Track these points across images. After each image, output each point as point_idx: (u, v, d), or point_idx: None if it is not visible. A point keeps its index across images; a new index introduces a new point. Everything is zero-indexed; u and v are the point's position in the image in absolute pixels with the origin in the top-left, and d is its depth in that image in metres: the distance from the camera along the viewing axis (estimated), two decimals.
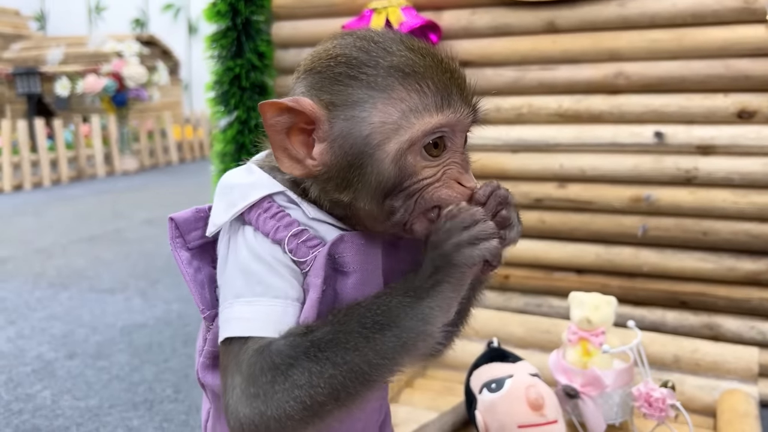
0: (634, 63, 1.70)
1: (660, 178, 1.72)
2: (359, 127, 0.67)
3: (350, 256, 0.70)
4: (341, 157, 0.68)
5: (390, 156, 0.66)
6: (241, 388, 0.63)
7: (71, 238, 3.88)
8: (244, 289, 0.68)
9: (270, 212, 0.70)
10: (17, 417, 1.71)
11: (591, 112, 1.76)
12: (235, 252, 0.70)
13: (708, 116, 1.66)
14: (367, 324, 0.63)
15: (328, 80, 0.68)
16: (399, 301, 0.64)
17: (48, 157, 6.29)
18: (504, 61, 1.84)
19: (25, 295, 2.77)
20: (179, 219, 0.76)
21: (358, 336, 0.62)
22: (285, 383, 0.62)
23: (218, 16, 2.07)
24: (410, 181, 0.68)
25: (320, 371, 0.62)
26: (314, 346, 0.63)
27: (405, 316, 0.64)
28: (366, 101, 0.66)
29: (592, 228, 1.81)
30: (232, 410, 0.64)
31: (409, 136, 0.66)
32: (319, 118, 0.67)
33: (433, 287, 0.65)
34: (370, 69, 0.67)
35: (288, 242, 0.69)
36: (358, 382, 0.63)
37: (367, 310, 0.64)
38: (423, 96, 0.67)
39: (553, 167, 1.82)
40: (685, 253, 1.73)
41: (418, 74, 0.67)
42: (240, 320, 0.66)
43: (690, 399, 1.40)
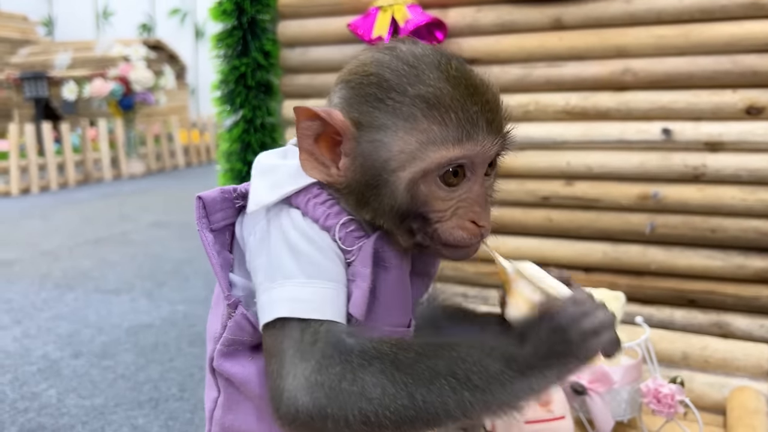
0: (641, 59, 1.69)
1: (668, 175, 1.70)
2: (379, 152, 0.68)
3: (389, 251, 0.71)
4: (361, 175, 0.69)
5: (404, 183, 0.68)
6: (305, 375, 0.61)
7: (77, 241, 3.89)
8: (296, 270, 0.67)
9: (320, 198, 0.71)
10: (23, 415, 1.71)
11: (598, 109, 1.75)
12: (281, 233, 0.70)
13: (716, 112, 1.64)
14: (459, 376, 0.61)
15: (358, 98, 0.70)
16: (500, 370, 0.62)
17: (55, 160, 6.32)
18: (510, 59, 1.83)
19: (31, 296, 2.78)
20: (207, 198, 0.76)
21: (445, 383, 0.61)
22: (354, 386, 0.61)
23: (224, 15, 2.07)
24: (424, 210, 0.69)
25: (395, 395, 0.60)
26: (396, 367, 0.61)
27: (501, 388, 0.62)
28: (389, 127, 0.67)
29: (599, 226, 1.79)
30: (289, 395, 0.61)
31: (424, 166, 0.67)
32: (347, 134, 0.69)
33: (541, 369, 0.63)
34: (398, 95, 0.67)
35: (338, 230, 0.69)
36: (426, 421, 0.62)
37: (462, 360, 0.62)
38: (443, 129, 0.67)
39: (560, 165, 1.80)
40: (693, 251, 1.71)
41: (444, 106, 0.67)
42: (296, 301, 0.65)
43: (699, 396, 1.38)
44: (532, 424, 1.13)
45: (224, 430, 0.76)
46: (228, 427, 0.75)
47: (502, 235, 1.90)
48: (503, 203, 1.88)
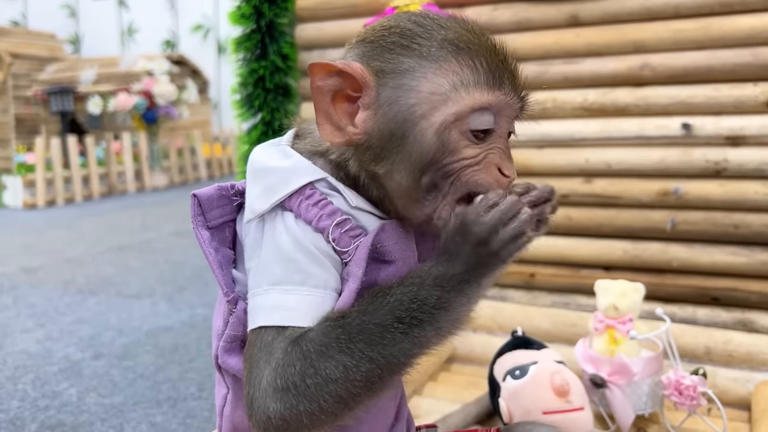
0: (660, 54, 1.68)
1: (688, 171, 1.68)
2: (407, 95, 0.66)
3: (391, 245, 0.69)
4: (384, 124, 0.67)
5: (434, 127, 0.65)
6: (269, 381, 0.61)
7: (100, 249, 3.94)
8: (283, 276, 0.66)
9: (312, 199, 0.68)
10: (43, 413, 1.73)
11: (616, 105, 1.74)
12: (273, 237, 0.68)
13: (737, 106, 1.62)
14: (404, 319, 0.62)
15: (379, 48, 0.68)
16: (438, 297, 0.63)
17: (80, 173, 6.42)
18: (527, 56, 1.82)
19: (54, 300, 2.81)
20: (202, 196, 0.74)
21: (395, 331, 0.62)
22: (317, 377, 0.60)
23: (243, 19, 2.10)
24: (450, 159, 0.66)
25: (356, 365, 0.61)
26: (348, 339, 0.61)
27: (445, 313, 0.63)
28: (417, 70, 0.66)
29: (619, 223, 1.77)
30: (259, 404, 0.61)
31: (457, 109, 0.65)
32: (368, 84, 0.67)
33: (475, 280, 0.64)
34: (424, 40, 0.66)
35: (332, 231, 0.67)
36: (393, 373, 0.63)
37: (400, 303, 0.63)
38: (475, 72, 0.66)
39: (579, 162, 1.79)
40: (715, 248, 1.68)
41: (473, 51, 0.66)
42: (277, 308, 0.65)
43: (723, 392, 1.35)
44: (550, 415, 1.11)
45: (234, 426, 0.75)
46: (238, 424, 0.74)
47: None
48: None
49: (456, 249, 0.64)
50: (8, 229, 4.76)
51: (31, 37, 9.97)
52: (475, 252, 0.63)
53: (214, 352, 0.75)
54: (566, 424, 1.10)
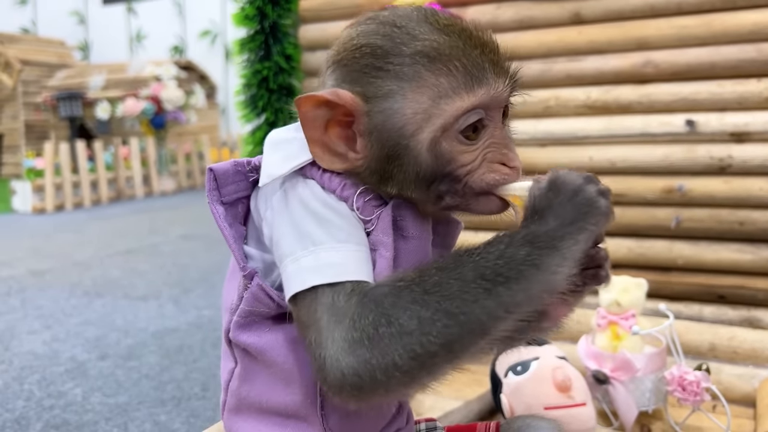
0: (663, 51, 1.67)
1: (693, 168, 1.67)
2: (392, 119, 0.66)
3: (411, 221, 0.69)
4: (379, 149, 0.67)
5: (425, 145, 0.66)
6: (342, 336, 0.59)
7: (108, 252, 3.96)
8: (325, 236, 0.65)
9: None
10: (48, 412, 1.74)
11: (620, 103, 1.73)
12: (300, 202, 0.68)
13: (741, 102, 1.61)
14: (488, 275, 0.58)
15: (356, 73, 0.67)
16: (528, 252, 0.59)
17: (89, 178, 6.46)
18: (530, 54, 1.82)
19: (61, 302, 2.83)
20: (219, 170, 0.74)
21: (476, 287, 0.58)
22: (391, 327, 0.57)
23: (246, 20, 2.11)
24: (450, 168, 0.67)
25: (432, 319, 0.57)
26: (424, 291, 0.59)
27: (536, 270, 0.59)
28: (396, 92, 0.66)
29: (623, 221, 1.76)
30: (331, 362, 0.59)
31: (442, 122, 0.65)
32: (359, 111, 0.67)
33: (571, 235, 0.60)
34: (396, 57, 0.66)
35: (356, 200, 0.68)
36: (474, 334, 0.59)
37: (484, 260, 0.59)
38: (452, 79, 0.65)
39: (583, 160, 1.78)
40: (721, 245, 1.67)
41: (444, 56, 0.65)
42: (328, 266, 0.63)
43: (728, 388, 1.34)
44: (551, 410, 1.11)
45: (240, 400, 0.75)
46: (244, 398, 0.74)
47: None
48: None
49: (548, 204, 0.62)
50: (18, 233, 4.79)
51: (41, 44, 10.07)
52: (571, 202, 0.61)
53: (225, 326, 0.75)
54: (568, 419, 1.10)
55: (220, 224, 0.73)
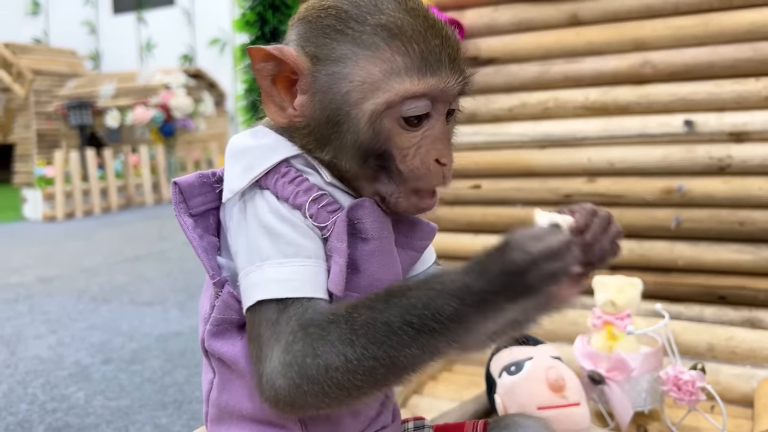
0: (660, 51, 1.67)
1: (692, 168, 1.66)
2: (339, 84, 0.66)
3: (369, 222, 0.69)
4: (320, 111, 0.68)
5: (366, 116, 0.66)
6: (277, 357, 0.61)
7: (117, 259, 3.99)
8: (273, 251, 0.66)
9: (288, 177, 0.69)
10: (51, 415, 1.75)
11: (618, 104, 1.73)
12: (255, 216, 0.68)
13: (739, 102, 1.60)
14: (415, 324, 0.59)
15: (315, 32, 0.68)
16: (455, 309, 0.59)
17: (99, 186, 6.51)
18: (528, 56, 1.82)
19: (68, 308, 2.85)
20: (183, 184, 0.74)
21: (402, 334, 0.59)
22: (317, 359, 0.60)
23: (247, 26, 2.13)
24: (386, 147, 0.67)
25: (358, 360, 0.60)
26: (352, 331, 0.60)
27: (458, 326, 0.59)
28: (349, 58, 0.66)
29: (623, 222, 1.71)
30: (267, 379, 0.62)
31: (387, 98, 0.65)
32: (302, 70, 0.67)
33: (490, 301, 0.59)
34: (358, 24, 0.66)
35: (308, 207, 0.68)
36: (398, 374, 0.62)
37: (413, 306, 0.60)
38: (407, 59, 0.66)
39: (582, 161, 1.78)
40: (721, 245, 1.66)
41: (406, 36, 0.66)
42: (273, 282, 0.64)
43: (726, 389, 1.33)
44: (545, 410, 1.10)
45: (220, 410, 0.75)
46: (224, 408, 0.74)
47: None
48: (526, 202, 1.86)
49: (489, 266, 0.59)
50: (28, 240, 4.83)
51: (53, 54, 10.19)
52: (505, 276, 0.58)
53: (201, 336, 0.75)
54: (561, 419, 1.09)
55: (188, 235, 0.73)
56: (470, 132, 1.86)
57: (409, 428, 0.90)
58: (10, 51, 9.37)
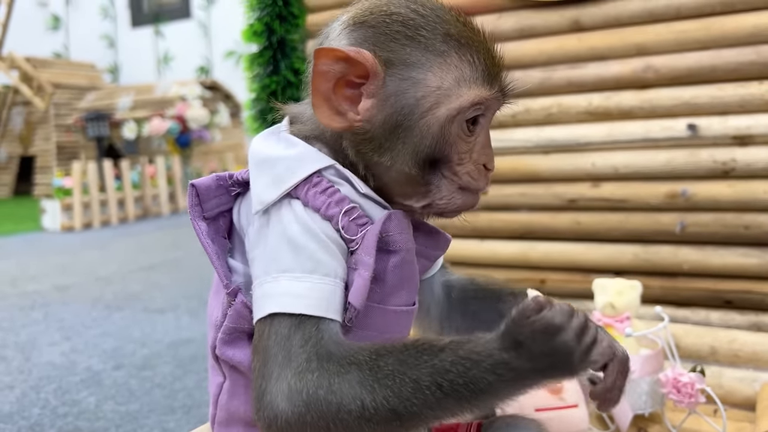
0: (663, 56, 1.67)
1: (696, 172, 1.66)
2: (414, 89, 0.67)
3: (397, 235, 0.70)
4: (390, 115, 0.68)
5: (440, 121, 0.68)
6: (287, 379, 0.60)
7: (131, 268, 4.04)
8: (293, 264, 0.65)
9: (320, 187, 0.69)
10: (62, 419, 1.78)
11: (621, 109, 1.73)
12: (281, 225, 0.67)
13: (743, 105, 1.60)
14: (444, 387, 0.59)
15: (384, 36, 0.68)
16: (488, 383, 0.59)
17: (116, 196, 6.59)
18: (531, 63, 1.83)
19: (82, 315, 2.89)
20: (201, 186, 0.74)
21: (429, 395, 0.59)
22: (331, 395, 0.59)
23: (255, 36, 2.16)
24: (449, 151, 0.69)
25: (376, 409, 0.59)
26: (375, 378, 0.60)
27: (488, 397, 0.61)
28: (423, 64, 0.67)
29: (628, 227, 1.76)
30: (270, 399, 0.60)
31: (460, 104, 0.68)
32: (377, 74, 0.67)
33: (530, 379, 0.61)
34: (428, 32, 0.68)
35: (340, 219, 0.68)
36: (412, 427, 0.62)
37: (446, 371, 0.60)
38: (474, 68, 0.69)
39: (586, 166, 1.78)
40: (726, 249, 1.65)
41: (472, 46, 0.69)
42: (287, 295, 0.64)
43: (729, 392, 1.32)
44: (542, 412, 1.11)
45: (229, 414, 0.75)
46: (233, 412, 0.74)
47: (531, 240, 1.88)
48: (530, 208, 1.86)
49: (531, 345, 0.60)
50: (45, 250, 4.91)
51: (72, 68, 10.36)
52: (551, 356, 0.60)
53: (211, 342, 0.75)
54: (559, 421, 1.10)
55: (202, 240, 0.73)
56: None
57: None
58: (31, 65, 9.54)
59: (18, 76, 9.62)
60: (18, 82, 9.56)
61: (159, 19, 11.48)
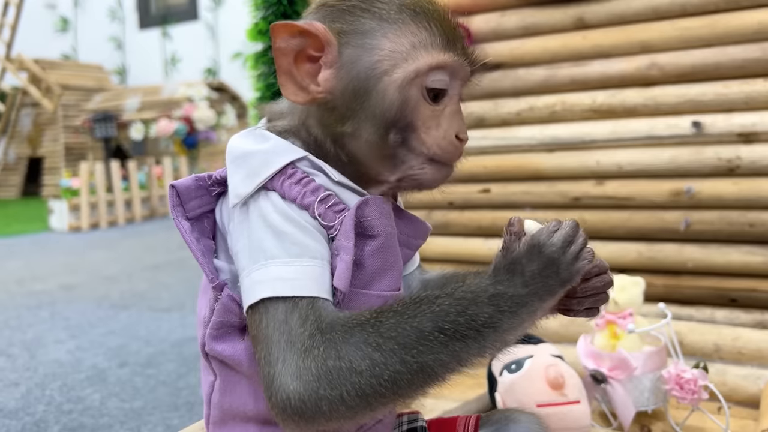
0: (667, 53, 1.67)
1: (700, 170, 1.65)
2: (369, 54, 0.69)
3: (375, 219, 0.70)
4: (348, 82, 0.69)
5: (397, 83, 0.68)
6: (294, 360, 0.60)
7: (137, 267, 4.05)
8: (279, 250, 0.66)
9: (295, 178, 0.69)
10: (66, 416, 1.78)
11: (625, 106, 1.73)
12: (261, 216, 0.68)
13: (748, 102, 1.59)
14: (447, 330, 0.60)
15: (340, 12, 0.71)
16: (490, 315, 0.61)
17: (123, 197, 6.62)
18: (535, 61, 1.83)
19: (88, 314, 2.91)
20: (181, 187, 0.74)
21: (434, 340, 0.60)
22: (340, 362, 0.59)
23: (259, 35, 2.16)
24: (412, 117, 0.69)
25: (385, 363, 0.59)
26: (379, 335, 0.60)
27: (493, 332, 0.62)
28: (377, 30, 0.69)
29: (632, 225, 1.75)
30: (279, 383, 0.60)
31: (417, 66, 0.68)
32: (330, 43, 0.69)
33: (528, 303, 0.63)
34: (383, 4, 0.70)
35: (317, 207, 0.68)
36: (425, 381, 0.62)
37: (446, 313, 0.61)
38: (431, 35, 0.70)
39: (590, 164, 1.78)
40: (731, 247, 1.64)
41: (428, 15, 0.70)
42: (279, 280, 0.64)
43: (733, 390, 1.31)
44: (543, 408, 1.10)
45: (223, 412, 0.75)
46: (227, 410, 0.74)
47: None
48: (534, 206, 1.86)
49: (521, 268, 0.63)
50: (53, 250, 4.93)
51: (80, 69, 10.42)
52: (542, 274, 0.63)
53: (201, 340, 0.75)
54: (560, 417, 1.09)
55: (186, 239, 0.73)
56: (478, 136, 1.87)
57: (404, 422, 0.91)
58: (39, 67, 9.60)
59: (27, 78, 9.69)
60: (27, 83, 9.62)
61: (166, 20, 11.52)
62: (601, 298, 0.72)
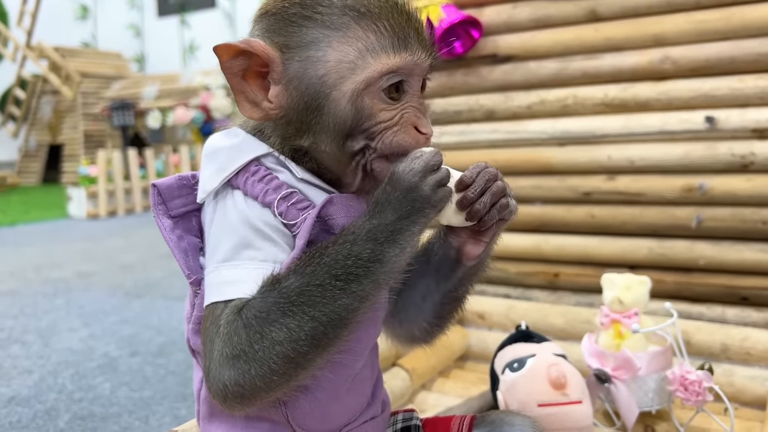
0: (681, 47, 1.63)
1: (713, 166, 1.62)
2: (314, 68, 0.67)
3: (340, 218, 0.70)
4: (297, 98, 0.68)
5: (346, 96, 0.67)
6: (220, 351, 0.63)
7: (153, 255, 4.09)
8: (231, 253, 0.67)
9: (258, 175, 0.70)
10: (77, 404, 1.81)
11: (638, 100, 1.70)
12: (223, 216, 0.70)
13: (763, 97, 1.56)
14: (340, 276, 0.63)
15: (281, 22, 0.68)
16: (371, 250, 0.64)
17: (140, 185, 6.67)
18: (547, 53, 1.81)
19: (102, 302, 2.94)
20: (162, 186, 0.75)
21: (333, 289, 0.63)
22: (263, 341, 0.62)
23: None
24: (368, 123, 0.68)
25: (299, 325, 0.62)
26: (287, 301, 0.62)
27: (380, 265, 0.64)
28: (321, 41, 0.67)
29: (643, 221, 1.73)
30: (214, 374, 0.63)
31: (366, 76, 0.67)
32: (273, 60, 0.68)
33: (401, 229, 0.65)
34: (325, 8, 0.67)
35: (277, 205, 0.68)
36: (338, 328, 0.64)
37: (335, 261, 0.64)
38: (379, 36, 0.67)
39: (601, 159, 1.76)
40: (743, 245, 1.62)
41: (374, 14, 0.67)
42: (226, 284, 0.66)
43: (740, 391, 1.30)
44: (545, 407, 1.10)
45: (211, 407, 0.76)
46: (215, 405, 0.75)
47: (545, 233, 1.86)
48: (544, 201, 1.84)
49: (387, 198, 0.66)
50: (70, 237, 4.99)
51: (100, 57, 10.49)
52: (406, 198, 0.65)
53: (186, 335, 0.77)
54: (562, 416, 1.09)
55: (164, 236, 0.74)
56: (489, 130, 1.85)
57: (398, 420, 0.91)
58: (59, 54, 9.69)
59: (47, 66, 9.78)
60: (47, 71, 9.71)
61: (185, 8, 11.55)
62: (502, 204, 0.72)
